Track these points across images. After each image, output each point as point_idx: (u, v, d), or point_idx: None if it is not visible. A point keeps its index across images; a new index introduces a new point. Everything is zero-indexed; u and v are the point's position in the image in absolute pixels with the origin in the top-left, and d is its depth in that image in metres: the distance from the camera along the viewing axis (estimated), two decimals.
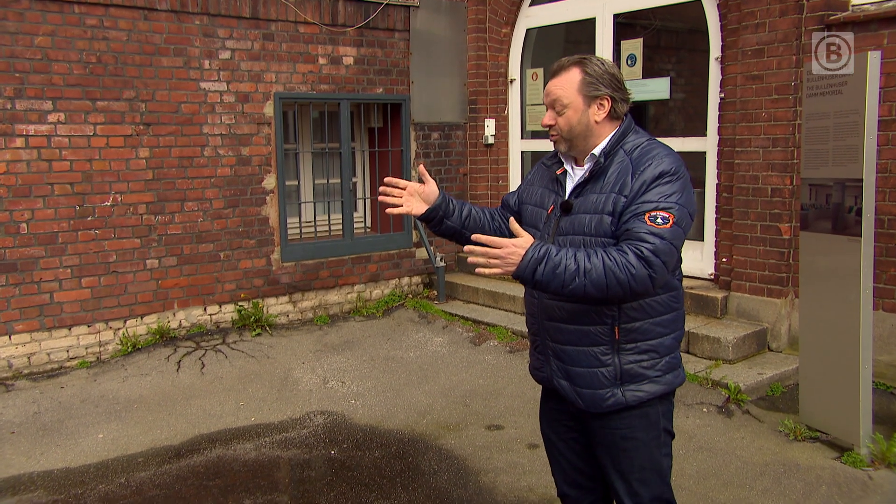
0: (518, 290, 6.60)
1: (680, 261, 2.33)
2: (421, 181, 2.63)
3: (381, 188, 2.64)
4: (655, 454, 2.37)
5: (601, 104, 2.33)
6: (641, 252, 2.12)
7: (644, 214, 2.17)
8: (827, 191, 3.97)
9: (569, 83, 2.33)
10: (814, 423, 4.19)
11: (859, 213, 3.81)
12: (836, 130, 3.92)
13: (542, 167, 2.58)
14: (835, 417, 4.05)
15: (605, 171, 2.31)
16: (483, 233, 2.56)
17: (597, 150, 2.35)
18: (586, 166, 2.39)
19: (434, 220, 2.61)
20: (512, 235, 2.26)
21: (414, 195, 2.60)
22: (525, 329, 5.95)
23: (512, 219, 2.30)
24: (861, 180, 3.79)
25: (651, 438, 2.36)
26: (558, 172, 2.46)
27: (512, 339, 5.96)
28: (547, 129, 2.42)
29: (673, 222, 2.16)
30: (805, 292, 4.25)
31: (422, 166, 2.77)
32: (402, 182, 2.61)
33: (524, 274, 2.16)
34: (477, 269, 2.23)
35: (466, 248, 2.31)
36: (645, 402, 2.33)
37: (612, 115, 2.34)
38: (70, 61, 5.39)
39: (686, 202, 2.21)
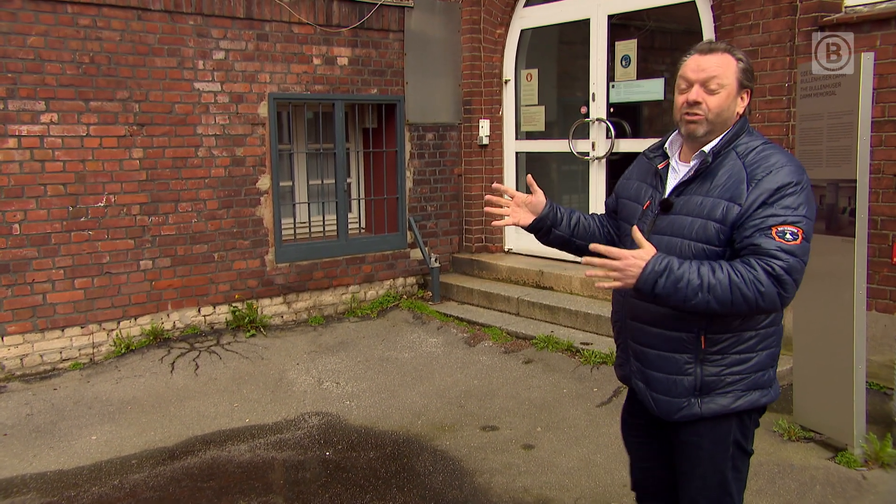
0: (511, 292, 6.60)
1: None
2: (529, 191, 2.56)
3: (487, 197, 2.55)
4: (721, 468, 2.27)
5: (743, 97, 2.24)
6: (773, 269, 2.02)
7: (771, 229, 2.06)
8: (821, 191, 3.98)
9: (727, 65, 2.20)
10: (808, 424, 4.20)
11: (853, 213, 3.82)
12: (829, 131, 3.93)
13: (644, 160, 2.44)
14: (829, 417, 4.06)
15: (714, 172, 2.19)
16: (593, 241, 2.47)
17: (707, 148, 2.23)
18: (693, 163, 2.26)
19: (542, 230, 2.54)
20: (633, 245, 2.16)
21: (521, 206, 2.53)
22: (519, 330, 6.01)
23: (635, 227, 2.18)
24: (854, 181, 3.81)
25: (718, 451, 2.26)
26: (660, 166, 2.35)
27: (507, 339, 5.96)
28: (685, 106, 2.23)
29: (802, 238, 2.05)
30: (799, 293, 4.25)
31: (529, 176, 2.63)
32: (510, 190, 2.54)
33: (644, 287, 2.08)
34: (597, 284, 2.16)
35: (584, 259, 2.23)
36: (719, 416, 2.23)
37: (743, 111, 2.26)
38: (63, 61, 5.37)
39: (812, 214, 2.11)
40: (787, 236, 2.04)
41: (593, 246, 2.15)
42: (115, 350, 5.69)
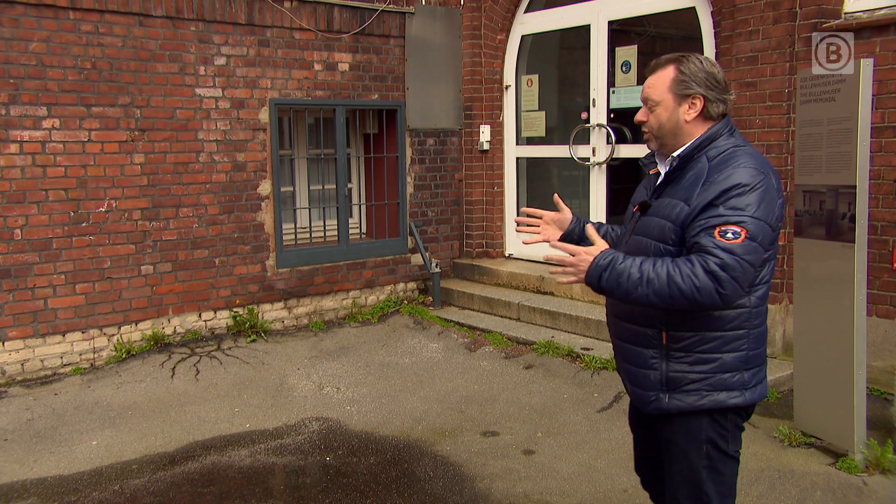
0: (512, 297, 6.61)
1: (762, 280, 2.27)
2: (557, 209, 2.75)
3: (517, 219, 2.78)
4: (695, 465, 2.33)
5: (693, 103, 2.30)
6: (708, 265, 2.10)
7: (714, 229, 2.13)
8: (821, 197, 3.99)
9: (661, 81, 2.33)
10: (808, 429, 4.20)
11: (853, 219, 3.83)
12: (829, 137, 3.94)
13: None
14: (829, 423, 4.06)
15: (684, 175, 2.29)
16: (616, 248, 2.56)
17: (676, 153, 2.33)
18: (663, 169, 2.38)
19: (570, 243, 2.63)
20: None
21: (550, 223, 2.74)
22: (519, 335, 6.01)
23: (589, 225, 2.42)
24: (854, 187, 3.81)
25: (691, 449, 2.33)
26: (651, 172, 2.49)
27: (507, 344, 5.96)
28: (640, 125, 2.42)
29: (745, 237, 2.11)
30: (799, 298, 4.26)
31: (556, 195, 2.81)
32: (538, 212, 2.75)
33: (591, 281, 2.22)
34: (557, 280, 2.33)
35: (544, 256, 2.37)
36: (687, 413, 2.30)
37: (705, 116, 2.32)
38: (65, 67, 5.39)
39: (764, 215, 2.14)
40: (729, 235, 2.11)
41: (553, 243, 2.35)
42: (116, 355, 5.69)
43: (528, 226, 2.77)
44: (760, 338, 2.32)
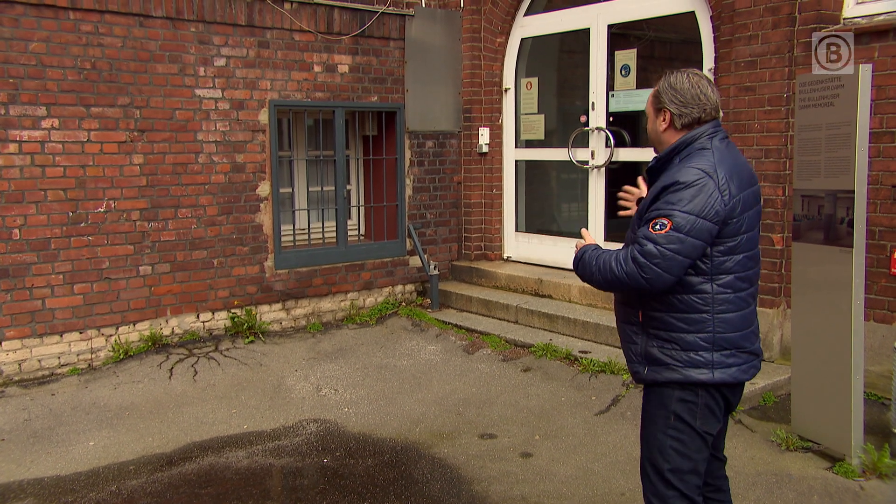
0: (510, 300, 6.61)
1: (727, 270, 2.49)
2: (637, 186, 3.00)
3: (620, 194, 3.02)
4: (660, 430, 2.58)
5: (664, 117, 2.62)
6: (633, 253, 2.43)
7: (650, 222, 2.44)
8: (819, 202, 4.00)
9: (650, 95, 2.69)
10: (806, 433, 4.20)
11: (851, 224, 3.83)
12: (828, 142, 3.95)
13: None
14: (827, 427, 4.06)
15: (659, 177, 2.58)
16: None
17: (654, 157, 2.67)
18: (647, 168, 2.73)
19: None
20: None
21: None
22: (517, 337, 6.01)
23: (584, 229, 2.89)
24: (853, 192, 3.82)
25: (660, 416, 2.59)
26: (646, 170, 2.79)
27: (505, 347, 5.96)
28: None
29: (670, 228, 2.38)
30: (797, 303, 4.27)
31: (640, 178, 2.99)
32: (634, 189, 2.98)
33: (575, 269, 2.69)
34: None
35: (577, 244, 2.75)
36: (661, 384, 2.57)
37: (675, 126, 2.60)
38: (64, 67, 5.39)
39: (696, 209, 2.38)
40: (657, 226, 2.41)
41: (582, 231, 2.83)
42: (114, 356, 5.69)
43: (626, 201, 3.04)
44: (730, 323, 2.52)
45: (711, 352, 2.51)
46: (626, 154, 6.48)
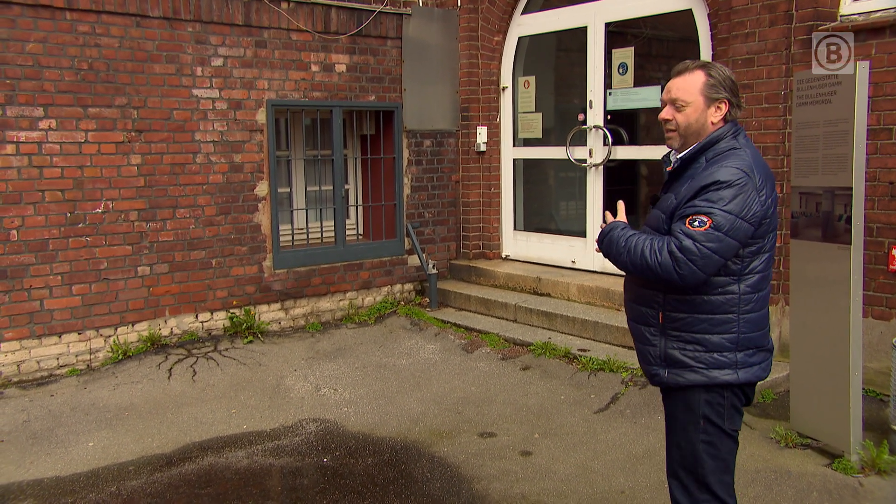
0: (509, 298, 6.61)
1: (753, 269, 2.47)
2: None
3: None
4: (693, 439, 2.52)
5: (719, 106, 2.52)
6: (670, 245, 2.37)
7: (687, 218, 2.38)
8: (817, 199, 4.00)
9: (691, 83, 2.53)
10: (805, 430, 4.21)
11: (849, 221, 3.84)
12: (825, 139, 3.95)
13: None
14: (825, 424, 4.07)
15: (684, 173, 2.53)
16: None
17: (680, 155, 2.57)
18: (668, 168, 2.64)
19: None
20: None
21: None
22: (516, 336, 6.02)
23: (619, 201, 2.76)
24: (850, 188, 3.82)
25: (690, 422, 2.53)
26: (668, 170, 2.68)
27: (504, 346, 5.97)
28: (663, 123, 2.61)
29: (710, 226, 2.34)
30: (795, 300, 4.27)
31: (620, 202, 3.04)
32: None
33: (599, 243, 2.63)
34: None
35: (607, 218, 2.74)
36: (686, 388, 2.51)
37: (726, 118, 2.53)
38: (61, 68, 5.38)
39: (736, 209, 2.35)
40: (696, 223, 2.36)
41: (619, 203, 2.72)
42: (113, 356, 5.68)
43: None
44: (754, 323, 2.50)
45: (735, 352, 2.48)
46: (624, 152, 6.49)
